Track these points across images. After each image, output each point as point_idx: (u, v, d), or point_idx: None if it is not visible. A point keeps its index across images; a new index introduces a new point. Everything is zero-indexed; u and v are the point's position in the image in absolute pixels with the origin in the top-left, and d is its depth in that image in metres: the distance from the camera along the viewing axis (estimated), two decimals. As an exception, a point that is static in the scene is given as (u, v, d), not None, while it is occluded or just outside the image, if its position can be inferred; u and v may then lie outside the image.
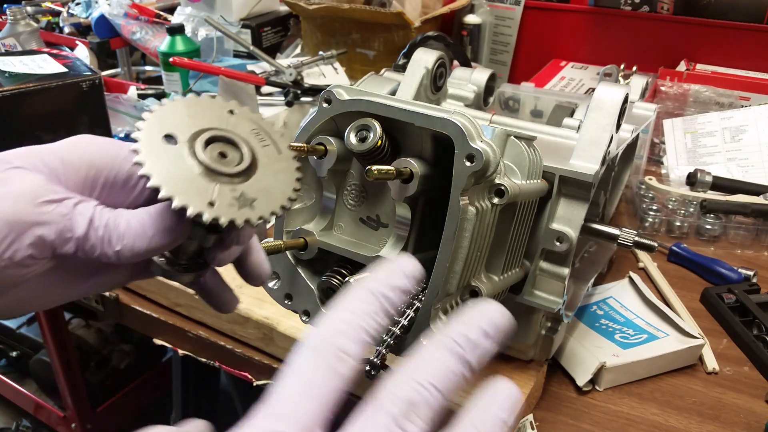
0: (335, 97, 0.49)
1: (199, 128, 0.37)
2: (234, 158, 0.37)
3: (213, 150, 0.37)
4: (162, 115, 0.37)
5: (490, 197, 0.48)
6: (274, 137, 0.39)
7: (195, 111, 0.38)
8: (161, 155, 0.35)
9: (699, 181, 1.05)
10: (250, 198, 0.36)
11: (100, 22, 1.62)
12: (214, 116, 0.38)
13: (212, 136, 0.37)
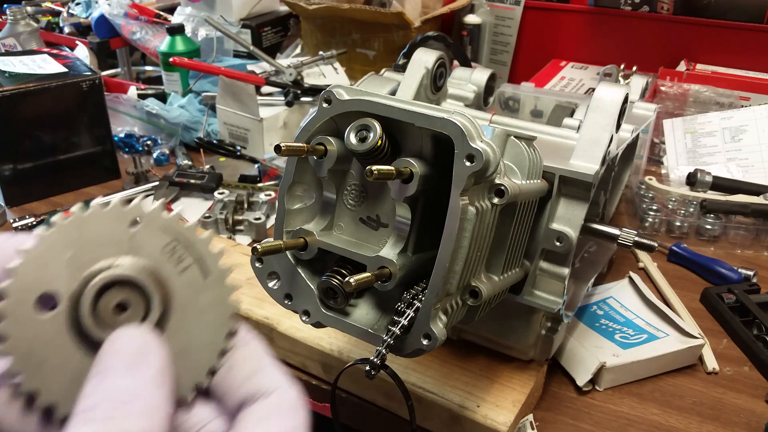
0: (335, 97, 0.49)
1: (87, 272, 0.28)
2: (137, 311, 0.28)
3: (108, 302, 0.28)
4: (37, 259, 0.28)
5: (490, 197, 0.48)
6: (197, 250, 0.30)
7: (82, 238, 0.28)
8: (36, 343, 0.27)
9: (699, 181, 1.05)
10: None
11: (100, 22, 1.62)
12: (111, 238, 0.29)
13: (105, 283, 0.28)
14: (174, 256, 0.29)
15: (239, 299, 0.30)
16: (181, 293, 0.29)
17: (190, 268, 0.30)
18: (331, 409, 0.64)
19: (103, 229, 0.29)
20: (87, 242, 0.28)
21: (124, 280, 0.28)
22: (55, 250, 0.28)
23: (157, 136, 1.28)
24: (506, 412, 0.62)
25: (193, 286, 0.29)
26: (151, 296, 0.28)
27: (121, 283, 0.28)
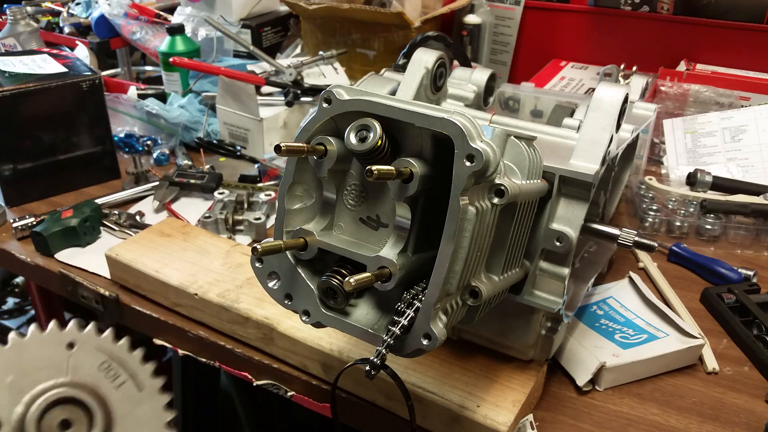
0: (335, 97, 0.49)
1: (29, 395, 0.27)
2: (81, 425, 0.27)
3: (52, 421, 0.27)
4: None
5: (490, 197, 0.48)
6: (130, 366, 0.29)
7: (22, 362, 0.27)
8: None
9: (699, 181, 1.05)
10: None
11: (100, 22, 1.62)
12: (50, 361, 0.28)
13: (48, 403, 0.27)
14: (110, 373, 0.29)
15: (171, 407, 0.30)
16: (120, 407, 0.29)
17: (125, 383, 0.30)
18: (331, 409, 0.64)
19: (42, 353, 0.28)
20: (27, 366, 0.28)
21: (66, 399, 0.28)
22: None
23: (157, 136, 1.28)
24: (506, 412, 0.62)
25: (131, 399, 0.30)
26: (93, 412, 0.28)
27: (64, 401, 0.28)
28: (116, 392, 0.29)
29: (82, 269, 0.93)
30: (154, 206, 1.07)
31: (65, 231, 0.96)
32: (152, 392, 0.29)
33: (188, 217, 1.04)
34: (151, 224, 0.96)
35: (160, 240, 0.90)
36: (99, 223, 1.01)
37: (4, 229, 1.02)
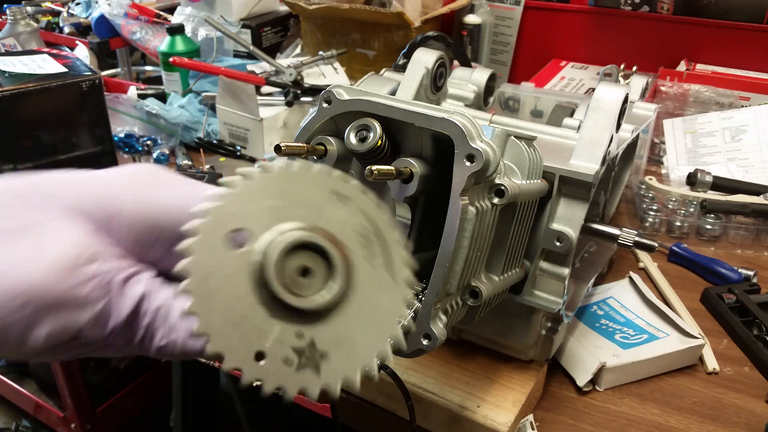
0: (335, 97, 0.49)
1: (283, 225, 0.27)
2: (317, 281, 0.27)
3: (293, 262, 0.27)
4: (239, 195, 0.27)
5: (490, 197, 0.48)
6: (389, 247, 0.28)
7: (285, 192, 0.27)
8: (216, 270, 0.26)
9: (699, 181, 1.05)
10: (320, 351, 0.26)
11: (100, 22, 1.62)
12: (311, 202, 0.27)
13: (297, 242, 0.27)
14: (366, 242, 0.28)
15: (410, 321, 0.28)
16: (363, 281, 0.28)
17: (377, 262, 0.28)
18: (331, 409, 0.64)
19: (305, 190, 0.28)
20: (288, 197, 0.27)
21: (314, 246, 0.27)
22: (257, 194, 0.27)
23: (157, 136, 1.28)
24: (506, 412, 0.62)
25: (376, 280, 0.28)
26: (336, 271, 0.27)
27: (311, 248, 0.27)
28: (365, 265, 0.27)
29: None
30: (154, 206, 1.07)
31: (65, 231, 0.95)
32: (401, 286, 0.28)
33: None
34: (151, 224, 0.96)
35: (160, 240, 0.90)
36: (99, 223, 1.01)
37: (4, 229, 1.02)
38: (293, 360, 0.26)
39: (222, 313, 0.26)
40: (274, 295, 0.26)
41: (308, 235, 0.27)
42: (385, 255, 0.28)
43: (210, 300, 0.26)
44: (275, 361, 0.25)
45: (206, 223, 0.27)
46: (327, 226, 0.27)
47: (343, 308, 0.27)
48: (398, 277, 0.29)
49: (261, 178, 0.28)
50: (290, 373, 0.26)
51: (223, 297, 0.26)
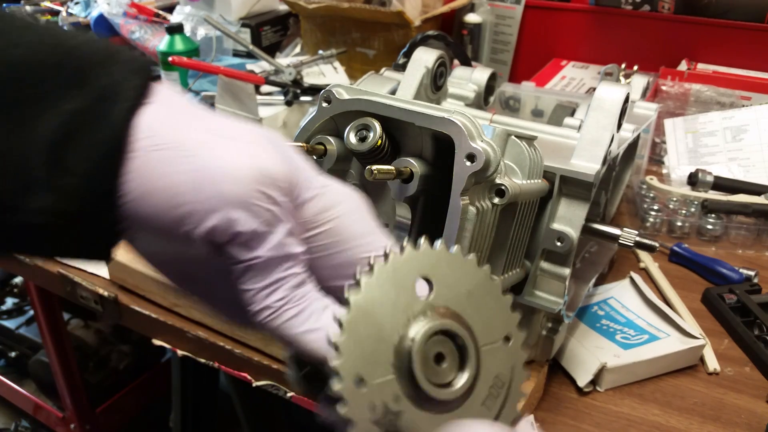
0: (335, 97, 0.49)
1: (423, 317, 0.28)
2: (452, 364, 0.28)
3: (430, 348, 0.28)
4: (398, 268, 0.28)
5: (491, 197, 0.48)
6: (514, 383, 0.30)
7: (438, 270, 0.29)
8: (373, 319, 0.27)
9: (700, 181, 1.05)
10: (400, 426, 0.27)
11: (99, 22, 1.61)
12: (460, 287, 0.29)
13: (434, 330, 0.28)
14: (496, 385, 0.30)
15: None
16: (487, 361, 0.29)
17: (500, 392, 0.30)
18: (330, 410, 0.64)
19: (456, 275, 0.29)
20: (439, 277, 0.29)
21: (446, 332, 0.28)
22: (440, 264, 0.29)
23: (157, 136, 1.28)
24: (507, 413, 0.61)
25: (498, 355, 0.30)
26: (468, 355, 0.28)
27: (443, 333, 0.28)
28: (479, 324, 0.29)
29: (81, 269, 0.92)
30: (154, 206, 1.07)
31: (64, 231, 0.95)
32: (516, 349, 0.29)
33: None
34: (150, 224, 0.96)
35: (159, 240, 0.90)
36: (98, 222, 1.00)
37: (3, 228, 1.02)
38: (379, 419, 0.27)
39: (361, 358, 0.27)
40: (412, 375, 0.27)
41: (440, 324, 0.28)
42: (507, 391, 0.30)
43: (356, 347, 0.27)
44: (367, 407, 0.26)
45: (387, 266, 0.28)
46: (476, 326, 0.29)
47: (460, 406, 0.28)
48: (513, 345, 0.30)
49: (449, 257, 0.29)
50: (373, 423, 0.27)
51: (367, 347, 0.27)
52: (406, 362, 0.27)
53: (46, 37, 0.29)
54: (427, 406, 0.28)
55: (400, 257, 0.29)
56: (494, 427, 0.29)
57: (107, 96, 0.28)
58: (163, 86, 0.31)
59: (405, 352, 0.27)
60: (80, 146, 0.27)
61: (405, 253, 0.29)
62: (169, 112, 0.30)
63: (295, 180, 0.30)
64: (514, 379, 0.30)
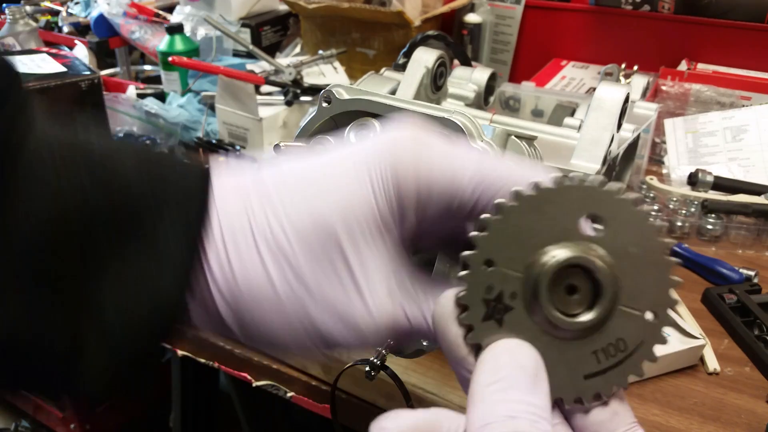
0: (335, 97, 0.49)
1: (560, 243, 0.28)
2: (585, 297, 0.28)
3: (562, 279, 0.28)
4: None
5: (491, 197, 0.48)
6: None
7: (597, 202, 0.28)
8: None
9: (700, 181, 1.05)
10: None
11: (99, 22, 1.61)
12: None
13: (568, 262, 0.28)
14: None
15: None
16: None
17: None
18: (331, 410, 0.64)
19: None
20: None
21: (581, 266, 0.28)
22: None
23: (156, 136, 1.28)
24: (507, 413, 0.61)
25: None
26: (604, 290, 0.28)
27: (578, 267, 0.28)
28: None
29: (80, 269, 0.92)
30: (154, 206, 1.07)
31: (64, 231, 0.95)
32: (656, 329, 0.29)
33: (187, 217, 1.04)
34: (150, 224, 0.96)
35: (159, 240, 0.89)
36: (98, 223, 1.00)
37: (3, 229, 1.02)
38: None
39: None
40: (537, 285, 0.28)
41: (590, 260, 0.28)
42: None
43: (496, 240, 0.28)
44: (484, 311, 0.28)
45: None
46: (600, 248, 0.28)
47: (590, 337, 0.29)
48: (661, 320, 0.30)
49: (576, 188, 0.28)
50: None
51: (508, 243, 0.28)
52: (537, 271, 0.28)
53: (100, 177, 0.28)
54: (537, 320, 0.28)
55: (579, 184, 0.28)
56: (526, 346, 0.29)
57: (160, 258, 0.28)
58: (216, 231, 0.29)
59: (540, 263, 0.28)
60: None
61: (586, 184, 0.28)
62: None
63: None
64: (638, 352, 0.30)
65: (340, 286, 0.29)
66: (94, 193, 0.28)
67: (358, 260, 0.29)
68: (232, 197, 0.30)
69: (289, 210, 0.29)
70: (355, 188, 0.30)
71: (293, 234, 0.29)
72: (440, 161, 0.30)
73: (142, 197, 0.28)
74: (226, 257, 0.29)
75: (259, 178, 0.31)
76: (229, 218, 0.30)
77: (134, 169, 0.29)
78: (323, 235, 0.29)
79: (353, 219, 0.29)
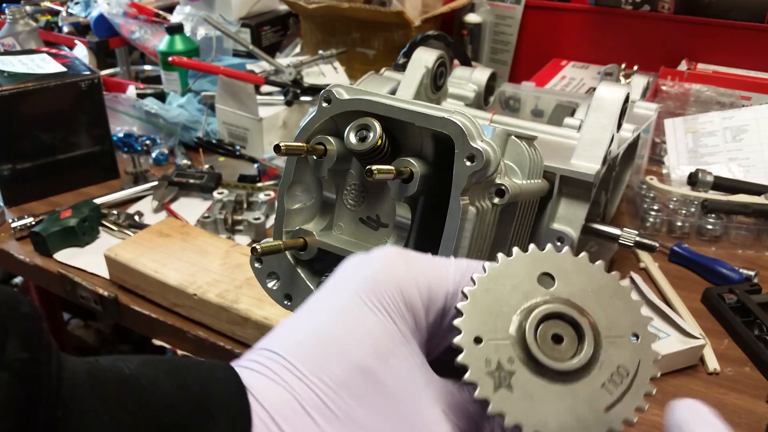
0: (335, 97, 0.49)
1: (529, 303, 0.32)
2: (571, 343, 0.31)
3: (546, 331, 0.31)
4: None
5: (491, 197, 0.48)
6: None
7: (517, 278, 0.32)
8: (487, 323, 0.31)
9: (700, 181, 1.05)
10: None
11: (99, 22, 1.61)
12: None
13: (543, 315, 0.31)
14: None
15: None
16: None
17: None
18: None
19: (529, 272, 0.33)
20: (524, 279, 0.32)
21: (557, 315, 0.31)
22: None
23: (156, 136, 1.28)
24: (507, 413, 0.61)
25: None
26: (584, 333, 0.30)
27: (555, 317, 0.31)
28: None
29: (80, 269, 0.92)
30: (153, 206, 1.07)
31: (64, 231, 0.95)
32: (645, 346, 0.31)
33: (187, 217, 1.04)
34: (150, 224, 0.96)
35: (159, 240, 0.90)
36: (98, 223, 1.00)
37: (3, 229, 1.02)
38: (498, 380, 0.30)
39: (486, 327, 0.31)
40: (525, 343, 0.30)
41: (549, 308, 0.31)
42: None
43: (477, 313, 0.31)
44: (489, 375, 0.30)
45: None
46: (562, 292, 0.32)
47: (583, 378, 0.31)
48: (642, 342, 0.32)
49: (526, 258, 0.33)
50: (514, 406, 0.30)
51: (487, 315, 0.31)
52: (521, 333, 0.31)
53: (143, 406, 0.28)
54: (540, 373, 0.30)
55: (523, 255, 0.33)
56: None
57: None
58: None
59: (521, 326, 0.31)
60: None
61: (529, 252, 0.33)
62: None
63: None
64: (641, 372, 0.32)
65: (400, 413, 0.31)
66: (144, 422, 0.28)
67: (400, 383, 0.31)
68: (265, 384, 0.31)
69: (321, 373, 0.31)
70: (374, 321, 0.32)
71: (337, 388, 0.30)
72: (426, 268, 0.34)
73: (190, 418, 0.29)
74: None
75: (283, 359, 0.32)
76: (271, 402, 0.30)
77: (174, 390, 0.29)
78: (363, 374, 0.31)
79: (384, 349, 0.31)
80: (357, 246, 0.51)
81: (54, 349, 0.28)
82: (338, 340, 0.31)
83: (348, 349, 0.31)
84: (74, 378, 0.28)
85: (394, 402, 0.31)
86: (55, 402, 0.26)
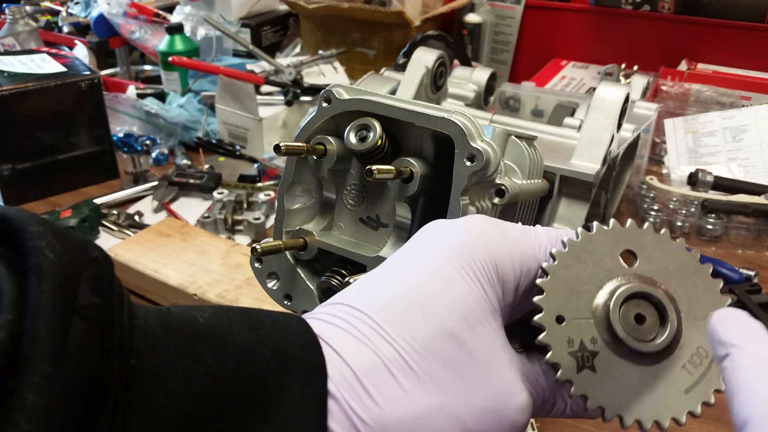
0: (335, 97, 0.49)
1: (614, 281, 0.31)
2: (653, 323, 0.31)
3: (629, 311, 0.31)
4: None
5: (491, 197, 0.48)
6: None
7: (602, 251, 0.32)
8: (568, 298, 0.30)
9: (700, 181, 1.05)
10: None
11: (99, 22, 1.61)
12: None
13: (628, 294, 0.31)
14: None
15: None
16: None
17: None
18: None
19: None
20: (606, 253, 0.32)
21: (640, 294, 0.31)
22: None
23: (156, 136, 1.28)
24: (507, 413, 0.61)
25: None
26: (668, 314, 0.30)
27: (638, 296, 0.31)
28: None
29: (80, 269, 0.92)
30: (153, 206, 1.07)
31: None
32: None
33: (187, 217, 1.04)
34: (150, 224, 0.96)
35: (159, 240, 0.90)
36: (98, 223, 1.00)
37: (3, 229, 1.02)
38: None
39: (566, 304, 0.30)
40: (609, 322, 0.30)
41: (644, 287, 0.31)
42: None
43: (558, 290, 0.31)
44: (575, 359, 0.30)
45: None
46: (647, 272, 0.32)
47: (665, 359, 0.31)
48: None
49: (613, 231, 0.32)
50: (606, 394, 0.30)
51: (568, 292, 0.31)
52: (605, 313, 0.30)
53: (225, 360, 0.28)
54: (623, 353, 0.30)
55: (605, 230, 0.32)
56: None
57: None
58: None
59: (604, 304, 0.30)
60: None
61: (611, 227, 0.32)
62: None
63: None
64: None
65: (483, 379, 0.30)
66: (219, 374, 0.27)
67: (484, 350, 0.31)
68: (350, 341, 0.30)
69: (407, 334, 0.30)
70: (466, 288, 0.31)
71: (422, 350, 0.30)
72: (519, 239, 0.34)
73: (265, 370, 0.28)
74: (367, 394, 0.29)
75: (367, 317, 0.31)
76: (355, 359, 0.30)
77: (249, 341, 0.29)
78: (450, 339, 0.30)
79: (473, 316, 0.31)
80: (357, 246, 0.51)
81: (126, 296, 0.27)
82: (427, 302, 0.31)
83: (436, 313, 0.30)
84: (147, 326, 0.27)
85: (478, 368, 0.30)
86: (129, 351, 0.25)
